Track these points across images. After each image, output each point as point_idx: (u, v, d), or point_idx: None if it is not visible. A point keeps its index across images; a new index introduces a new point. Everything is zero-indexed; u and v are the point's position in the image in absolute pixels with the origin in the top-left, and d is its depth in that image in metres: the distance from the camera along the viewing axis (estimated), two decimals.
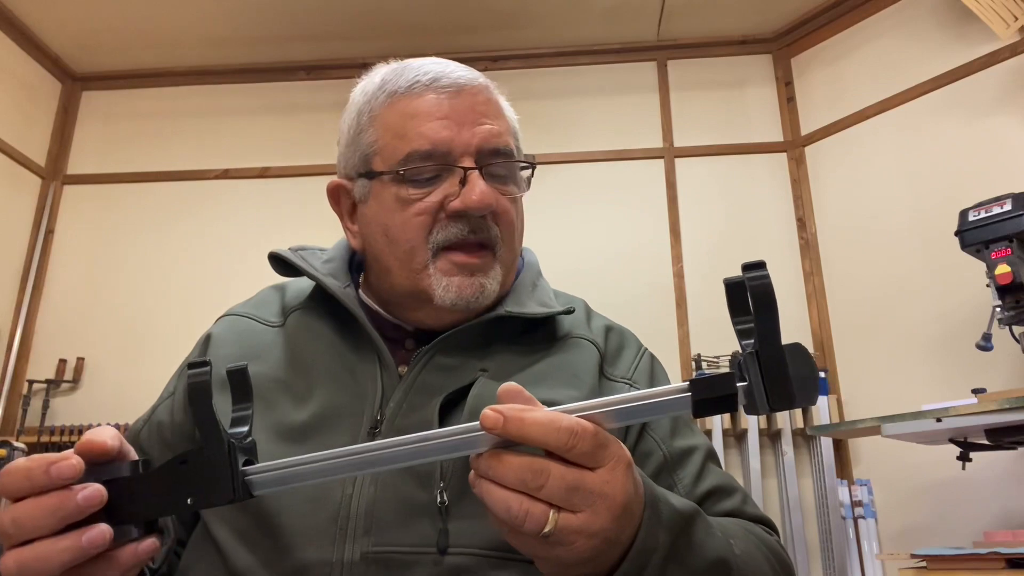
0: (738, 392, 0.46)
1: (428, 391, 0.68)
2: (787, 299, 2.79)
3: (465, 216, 0.70)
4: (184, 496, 0.48)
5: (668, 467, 0.71)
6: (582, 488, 0.46)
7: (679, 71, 3.12)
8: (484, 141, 0.71)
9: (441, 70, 0.73)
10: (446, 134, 0.70)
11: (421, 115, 0.71)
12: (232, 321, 0.80)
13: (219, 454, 0.48)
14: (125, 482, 0.49)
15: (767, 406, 0.45)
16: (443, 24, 2.99)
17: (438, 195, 0.70)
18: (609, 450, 0.47)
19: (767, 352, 0.45)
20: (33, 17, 2.94)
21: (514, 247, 0.76)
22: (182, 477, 0.49)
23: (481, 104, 0.73)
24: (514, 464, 0.46)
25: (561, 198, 2.92)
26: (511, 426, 0.45)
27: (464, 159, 0.70)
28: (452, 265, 0.70)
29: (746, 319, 0.46)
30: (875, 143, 2.70)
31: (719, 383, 0.46)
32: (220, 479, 0.48)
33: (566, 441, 0.46)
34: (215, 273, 2.93)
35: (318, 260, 0.81)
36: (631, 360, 0.78)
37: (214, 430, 0.49)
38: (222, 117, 3.20)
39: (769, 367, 0.45)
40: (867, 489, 2.47)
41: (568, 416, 0.47)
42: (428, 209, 0.70)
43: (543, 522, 0.45)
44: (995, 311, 1.94)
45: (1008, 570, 1.60)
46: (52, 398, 2.84)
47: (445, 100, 0.71)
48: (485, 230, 0.71)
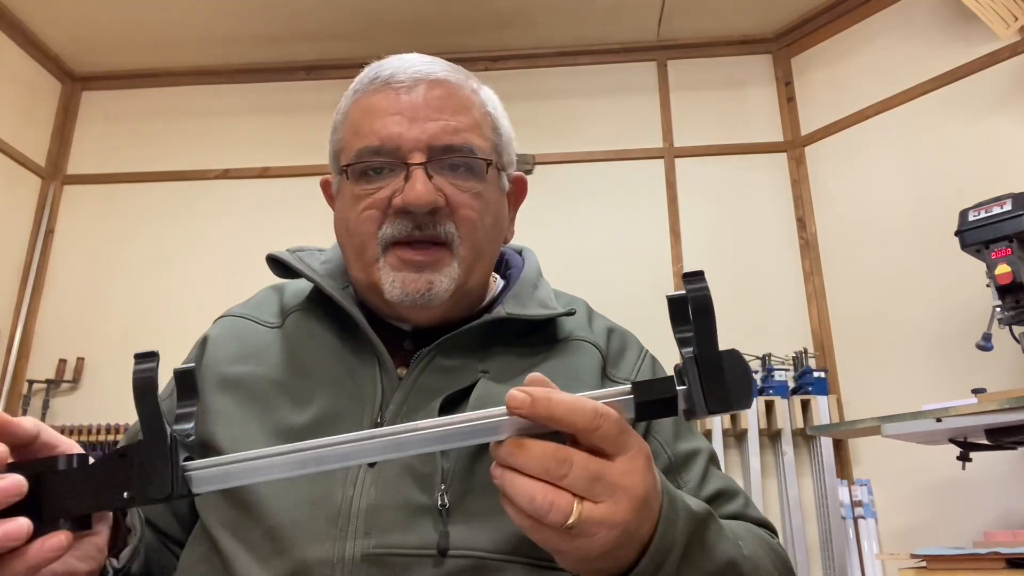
0: (678, 395, 0.47)
1: (428, 393, 0.68)
2: (787, 299, 2.79)
3: (410, 213, 0.69)
4: (121, 490, 0.48)
5: (673, 470, 0.71)
6: (604, 478, 0.46)
7: (679, 71, 3.12)
8: (434, 137, 0.69)
9: (400, 65, 0.72)
10: (396, 130, 0.69)
11: (375, 111, 0.70)
12: (230, 322, 0.80)
13: (160, 449, 0.48)
14: (57, 476, 0.48)
15: (704, 409, 0.46)
16: (443, 24, 2.99)
17: (387, 191, 0.69)
18: (631, 438, 0.48)
19: (705, 357, 0.47)
20: (33, 17, 2.94)
21: (476, 243, 0.72)
22: (120, 472, 0.48)
23: (437, 99, 0.71)
24: (537, 451, 0.45)
25: (561, 198, 2.92)
26: (539, 406, 0.45)
27: (414, 155, 0.69)
28: (398, 260, 0.70)
29: (686, 328, 0.48)
30: (875, 143, 2.70)
31: (659, 386, 0.48)
32: (159, 474, 0.48)
33: (591, 420, 0.46)
34: (215, 273, 2.93)
35: (316, 261, 0.80)
36: (633, 362, 0.78)
37: (156, 424, 0.48)
38: (222, 117, 3.20)
39: (707, 371, 0.47)
40: (867, 489, 2.47)
41: (591, 400, 0.47)
42: (376, 204, 0.70)
43: (567, 512, 0.45)
44: (995, 311, 1.94)
45: (1008, 570, 1.60)
46: (52, 398, 2.84)
47: (400, 95, 0.70)
48: (432, 226, 0.69)
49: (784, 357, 2.68)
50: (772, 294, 2.80)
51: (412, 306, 0.70)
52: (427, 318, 0.73)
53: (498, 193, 0.76)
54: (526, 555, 0.61)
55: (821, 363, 2.69)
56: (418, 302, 0.69)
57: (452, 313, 0.73)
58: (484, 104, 0.75)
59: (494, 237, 0.75)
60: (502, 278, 0.84)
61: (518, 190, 0.81)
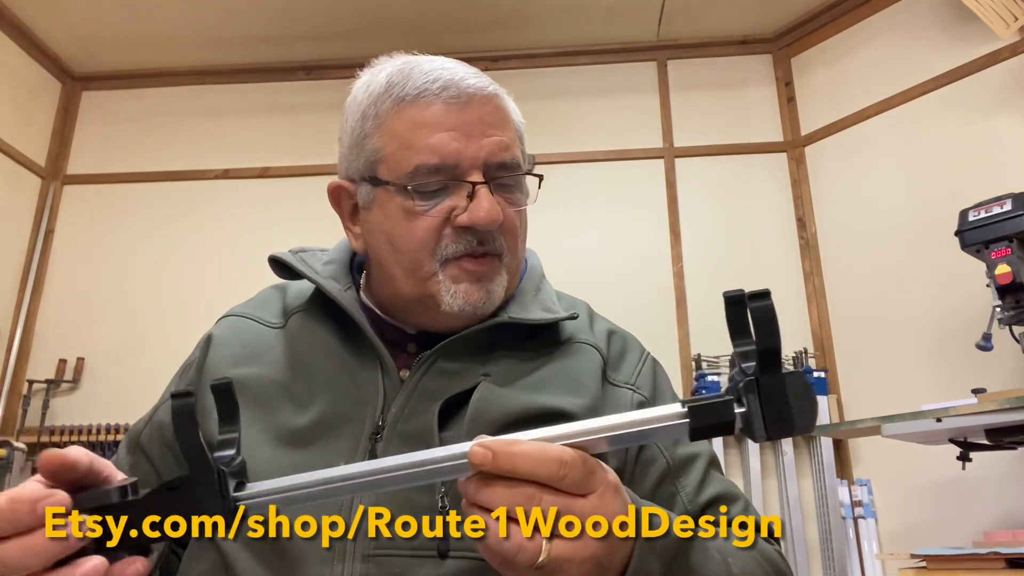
0: (736, 419, 0.46)
1: (430, 396, 0.68)
2: (787, 299, 2.79)
3: (472, 229, 0.70)
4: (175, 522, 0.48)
5: (671, 474, 0.71)
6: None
7: (679, 71, 3.12)
8: (491, 154, 0.70)
9: (450, 77, 0.71)
10: (454, 147, 0.69)
11: (429, 125, 0.69)
12: (233, 322, 0.80)
13: (208, 480, 0.48)
14: (115, 508, 0.48)
15: (764, 434, 0.45)
16: (443, 24, 2.99)
17: (445, 209, 0.69)
18: (597, 476, 0.47)
19: (768, 380, 0.45)
20: (33, 17, 2.94)
21: (518, 255, 0.76)
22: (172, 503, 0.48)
23: (489, 114, 0.71)
24: (504, 493, 0.46)
25: (561, 198, 2.92)
26: (501, 461, 0.45)
27: (472, 172, 0.69)
28: (461, 272, 0.70)
29: (746, 342, 0.46)
30: (875, 143, 2.70)
31: (718, 409, 0.46)
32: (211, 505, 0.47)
33: (556, 471, 0.45)
34: (215, 273, 2.93)
35: (319, 262, 0.80)
36: (634, 365, 0.78)
37: (201, 458, 0.47)
38: (222, 117, 3.20)
39: (769, 395, 0.45)
40: (867, 489, 2.47)
41: (554, 445, 0.46)
42: (434, 224, 0.70)
43: (536, 553, 0.45)
44: (995, 311, 1.94)
45: (1008, 570, 1.60)
46: (52, 398, 2.84)
47: (454, 110, 0.70)
48: (491, 242, 0.71)
49: (784, 357, 2.68)
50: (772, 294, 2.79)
51: (464, 316, 0.71)
52: (455, 324, 0.73)
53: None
54: None
55: (821, 363, 2.69)
56: (478, 311, 0.71)
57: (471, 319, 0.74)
58: (515, 114, 0.76)
59: (525, 247, 0.79)
60: None
61: None
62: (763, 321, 0.45)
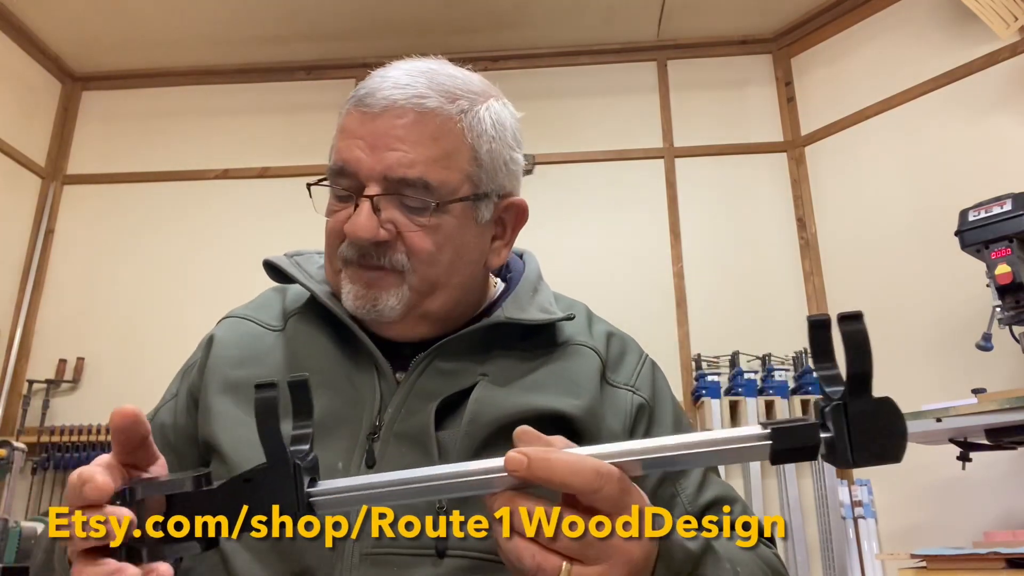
0: (820, 443, 0.44)
1: (427, 396, 0.68)
2: (787, 299, 2.79)
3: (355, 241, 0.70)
4: (249, 515, 0.48)
5: (671, 476, 0.71)
6: (598, 541, 0.44)
7: (679, 71, 3.12)
8: (389, 169, 0.68)
9: (377, 85, 0.70)
10: (355, 154, 0.69)
11: (345, 131, 0.72)
12: (235, 323, 0.80)
13: (284, 474, 0.48)
14: (184, 497, 0.48)
15: (850, 461, 0.43)
16: (443, 24, 2.99)
17: (344, 214, 0.71)
18: (632, 496, 0.46)
19: (857, 405, 0.44)
20: (33, 17, 2.94)
21: (430, 276, 0.71)
22: (244, 495, 0.48)
23: (400, 127, 0.68)
24: (528, 513, 0.44)
25: (561, 198, 2.92)
26: (537, 467, 0.44)
27: (371, 184, 0.69)
28: (346, 277, 0.72)
29: (830, 366, 0.45)
30: (875, 143, 2.70)
31: (803, 433, 0.44)
32: (286, 499, 0.47)
33: (592, 482, 0.44)
34: (215, 273, 2.93)
35: (313, 266, 0.80)
36: (633, 366, 0.77)
37: (279, 450, 0.48)
38: (222, 117, 3.20)
39: (857, 421, 0.44)
40: (867, 489, 2.47)
41: (592, 458, 0.45)
42: (335, 226, 0.72)
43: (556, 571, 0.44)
44: (995, 311, 1.94)
45: (1008, 570, 1.60)
46: (52, 398, 2.84)
47: (367, 120, 0.70)
48: (376, 257, 0.70)
49: (784, 357, 2.68)
50: (772, 294, 2.80)
51: (369, 320, 0.72)
52: (397, 333, 0.73)
53: (466, 224, 0.72)
54: None
55: None
56: (369, 316, 0.71)
57: (437, 329, 0.73)
58: (467, 131, 0.70)
59: (459, 268, 0.73)
60: (503, 281, 0.84)
61: (516, 215, 0.78)
62: (854, 344, 0.43)
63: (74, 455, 2.70)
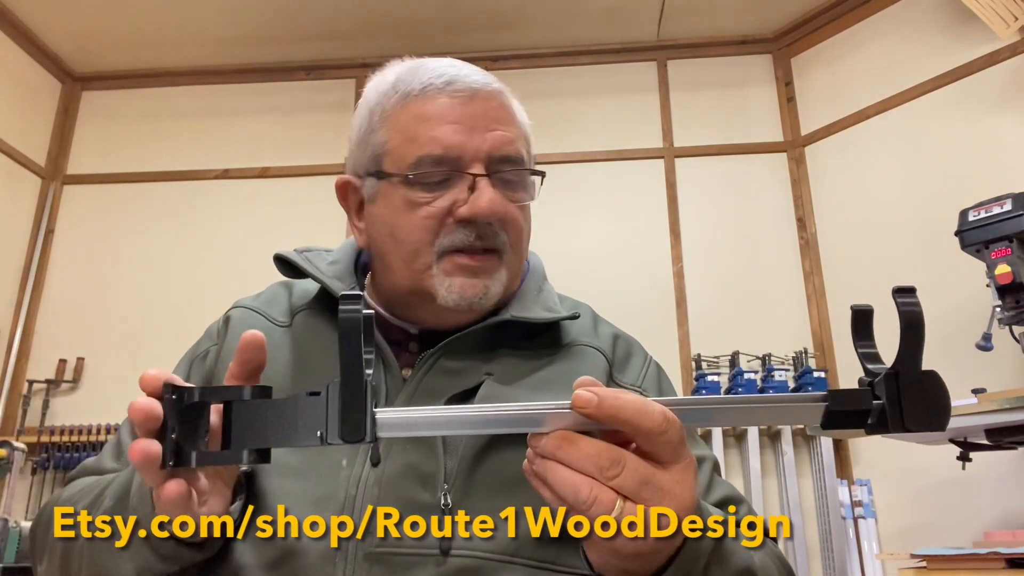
0: (871, 409, 0.48)
1: (433, 394, 0.68)
2: (787, 299, 2.79)
3: (473, 222, 0.70)
4: (311, 430, 0.47)
5: None
6: (653, 483, 0.46)
7: (679, 71, 3.12)
8: (495, 148, 0.70)
9: (456, 73, 0.72)
10: (457, 139, 0.69)
11: (433, 118, 0.70)
12: (246, 314, 0.80)
13: (358, 391, 0.47)
14: (244, 405, 0.48)
15: (901, 425, 0.47)
16: (443, 24, 2.99)
17: (447, 200, 0.70)
18: (687, 448, 0.48)
19: (908, 375, 0.48)
20: (33, 17, 2.94)
21: (521, 253, 0.75)
22: (311, 411, 0.47)
23: (493, 109, 0.72)
24: (590, 449, 0.45)
25: (561, 198, 2.92)
26: (607, 405, 0.45)
27: (474, 165, 0.70)
28: (455, 267, 0.70)
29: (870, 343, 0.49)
30: (875, 143, 2.70)
31: (856, 397, 0.48)
32: (354, 416, 0.47)
33: (660, 424, 0.45)
34: (215, 273, 2.93)
35: (323, 262, 0.80)
36: (640, 367, 0.78)
37: (356, 367, 0.47)
38: (222, 117, 3.20)
39: (908, 389, 0.48)
40: (867, 489, 2.47)
41: (659, 403, 0.46)
42: (436, 213, 0.70)
43: (610, 509, 0.45)
44: (995, 311, 1.94)
45: (1008, 570, 1.60)
46: (52, 398, 2.84)
47: (458, 104, 0.70)
48: (491, 237, 0.71)
49: (784, 357, 2.68)
50: (772, 294, 2.80)
51: (460, 310, 0.71)
52: (457, 321, 0.73)
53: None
54: (528, 556, 0.61)
55: (821, 363, 2.69)
56: (473, 306, 0.71)
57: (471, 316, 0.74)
58: (520, 114, 0.77)
59: (528, 246, 0.78)
60: None
61: None
62: (908, 318, 0.47)
63: (74, 455, 2.70)
